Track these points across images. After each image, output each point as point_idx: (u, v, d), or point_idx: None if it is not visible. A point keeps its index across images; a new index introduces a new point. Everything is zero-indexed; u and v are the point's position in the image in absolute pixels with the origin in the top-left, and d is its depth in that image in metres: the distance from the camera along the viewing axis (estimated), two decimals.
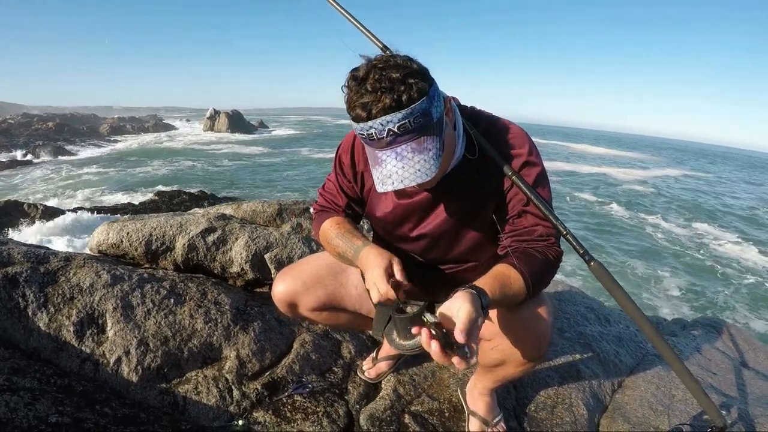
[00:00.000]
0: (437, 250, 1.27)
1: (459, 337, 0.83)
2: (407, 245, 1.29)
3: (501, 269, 1.06)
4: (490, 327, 1.18)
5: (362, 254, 1.13)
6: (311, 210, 1.40)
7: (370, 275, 1.05)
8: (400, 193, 1.20)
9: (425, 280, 1.33)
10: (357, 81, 0.93)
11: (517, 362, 1.22)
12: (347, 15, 1.52)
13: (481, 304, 0.93)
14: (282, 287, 1.37)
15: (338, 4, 1.55)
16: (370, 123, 0.92)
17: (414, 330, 0.88)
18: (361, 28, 1.47)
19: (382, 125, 0.91)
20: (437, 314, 0.92)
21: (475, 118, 1.16)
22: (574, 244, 1.10)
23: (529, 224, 1.12)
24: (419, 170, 0.94)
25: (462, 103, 1.20)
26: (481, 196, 1.15)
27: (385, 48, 1.33)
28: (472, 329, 0.86)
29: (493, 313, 1.16)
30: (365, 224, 2.84)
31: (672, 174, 37.04)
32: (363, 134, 0.95)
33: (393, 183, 0.95)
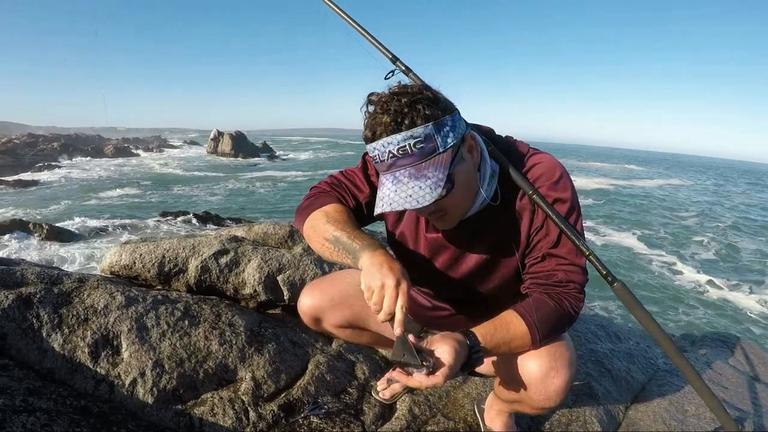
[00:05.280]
0: (455, 290, 1.23)
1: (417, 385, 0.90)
2: (426, 281, 1.27)
3: (505, 316, 1.04)
4: (508, 371, 1.16)
5: (368, 255, 0.99)
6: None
7: (380, 282, 0.93)
8: (429, 228, 1.16)
9: (432, 314, 1.33)
10: (372, 104, 0.96)
11: (532, 406, 1.19)
12: (356, 25, 1.47)
13: (470, 353, 0.95)
14: (309, 301, 1.38)
15: (347, 14, 1.50)
16: (374, 144, 0.94)
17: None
18: (370, 39, 1.42)
19: (384, 147, 0.93)
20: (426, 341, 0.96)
21: (506, 148, 1.12)
22: (598, 265, 1.08)
23: (551, 268, 1.07)
24: (410, 196, 0.92)
25: (497, 134, 1.16)
26: (509, 239, 1.11)
27: (395, 59, 1.30)
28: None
29: (510, 359, 1.13)
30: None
31: None
32: (371, 156, 0.97)
33: (383, 206, 0.95)
